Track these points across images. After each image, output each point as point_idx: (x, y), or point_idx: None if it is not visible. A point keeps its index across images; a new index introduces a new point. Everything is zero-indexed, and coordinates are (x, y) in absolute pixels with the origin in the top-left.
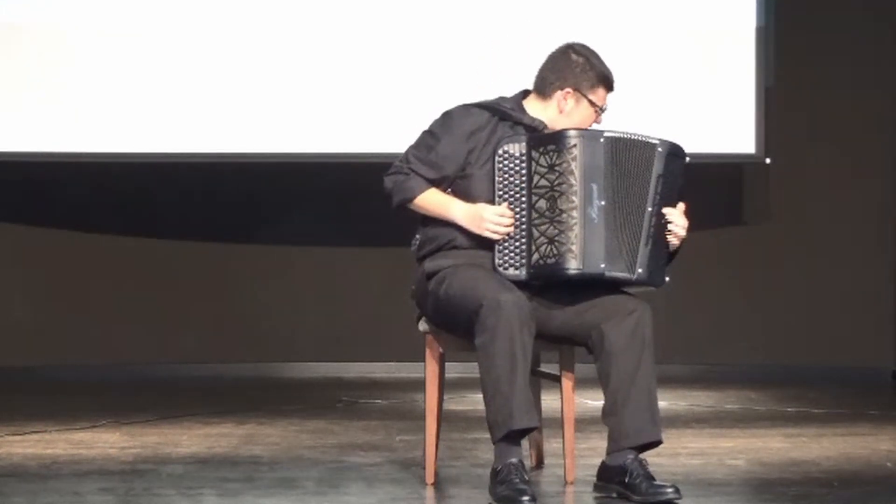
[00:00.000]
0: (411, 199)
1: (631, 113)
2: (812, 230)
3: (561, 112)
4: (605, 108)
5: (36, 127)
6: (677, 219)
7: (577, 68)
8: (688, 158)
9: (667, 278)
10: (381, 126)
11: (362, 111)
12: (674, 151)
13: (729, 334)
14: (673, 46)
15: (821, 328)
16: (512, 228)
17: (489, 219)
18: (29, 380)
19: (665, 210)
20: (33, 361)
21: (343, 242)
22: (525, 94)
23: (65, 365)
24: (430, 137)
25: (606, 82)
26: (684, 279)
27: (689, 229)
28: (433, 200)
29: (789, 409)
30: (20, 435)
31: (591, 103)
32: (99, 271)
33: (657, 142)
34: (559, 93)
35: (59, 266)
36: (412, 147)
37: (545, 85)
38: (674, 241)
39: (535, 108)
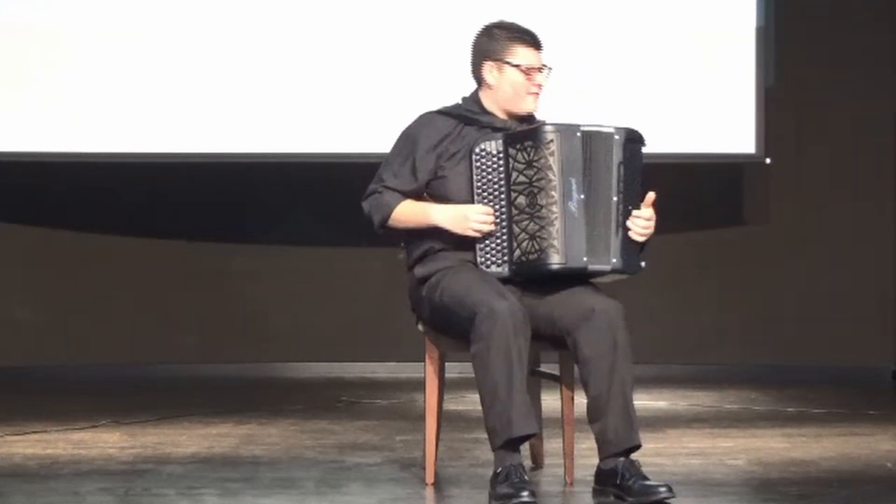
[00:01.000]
0: (389, 213)
1: (631, 112)
2: (812, 230)
3: (492, 88)
4: (540, 67)
5: (36, 127)
6: (640, 221)
7: (484, 40)
8: (646, 143)
9: (642, 264)
10: (381, 126)
11: (362, 111)
12: (631, 137)
13: (729, 334)
14: (673, 46)
15: (821, 328)
16: (494, 226)
17: (474, 218)
18: (29, 380)
19: (634, 213)
20: (33, 361)
21: (343, 242)
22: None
23: (65, 365)
24: (397, 153)
25: (519, 39)
26: (684, 279)
27: (690, 229)
28: (412, 210)
29: (789, 409)
30: (20, 435)
31: (514, 66)
32: (99, 271)
33: (613, 130)
34: (483, 70)
35: (59, 266)
36: (381, 167)
37: (474, 74)
38: (638, 238)
39: (485, 101)
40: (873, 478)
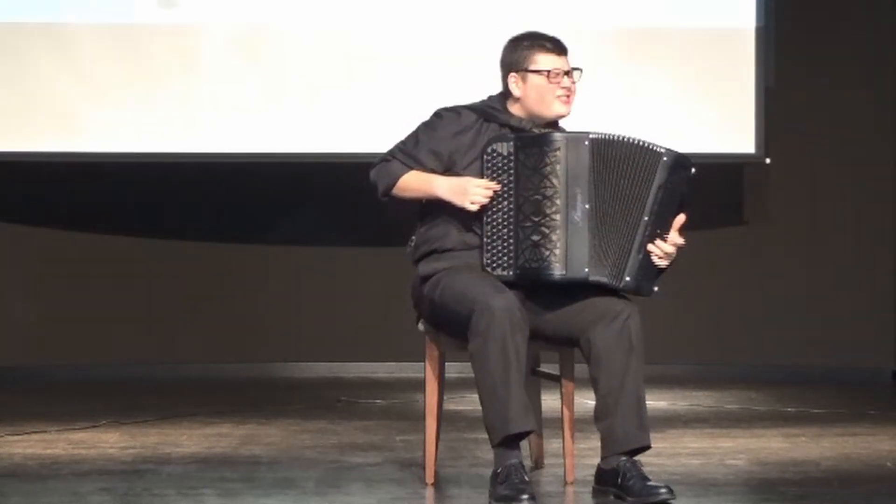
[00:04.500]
0: (394, 182)
1: (631, 113)
2: (812, 230)
3: (519, 99)
4: (567, 70)
5: (36, 127)
6: (666, 246)
7: (508, 53)
8: (693, 170)
9: (655, 288)
10: (382, 126)
11: (363, 111)
12: (680, 162)
13: (729, 334)
14: (673, 46)
15: (821, 328)
16: (495, 192)
17: (472, 192)
18: (29, 380)
19: (658, 241)
20: (33, 361)
21: (343, 242)
22: (505, 94)
23: (65, 365)
24: (416, 134)
25: (539, 47)
26: (685, 279)
27: (689, 229)
28: (416, 178)
29: (789, 409)
30: (20, 435)
31: (537, 72)
32: (99, 271)
33: (663, 151)
34: (508, 82)
35: (59, 266)
36: (398, 142)
37: (503, 84)
38: (661, 262)
39: (512, 107)
40: (873, 478)
